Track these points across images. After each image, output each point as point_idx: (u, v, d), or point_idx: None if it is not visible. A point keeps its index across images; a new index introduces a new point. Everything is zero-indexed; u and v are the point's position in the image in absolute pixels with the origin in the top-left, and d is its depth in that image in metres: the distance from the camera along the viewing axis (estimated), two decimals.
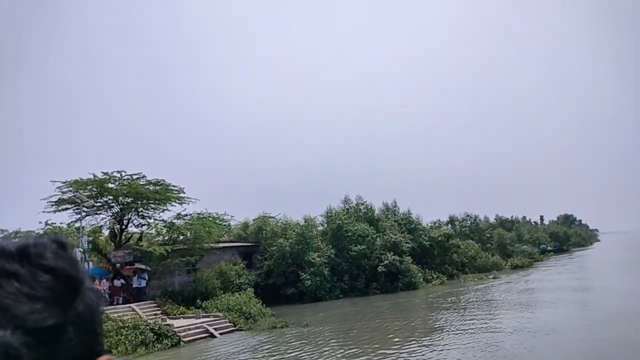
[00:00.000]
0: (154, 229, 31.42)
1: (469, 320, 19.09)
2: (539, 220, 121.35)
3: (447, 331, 17.04)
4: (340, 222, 35.85)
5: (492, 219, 72.74)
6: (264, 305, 27.45)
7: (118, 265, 29.89)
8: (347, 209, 39.58)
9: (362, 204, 40.86)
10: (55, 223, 35.84)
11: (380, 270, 33.83)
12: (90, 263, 28.87)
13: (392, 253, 34.55)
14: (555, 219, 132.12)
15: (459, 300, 26.47)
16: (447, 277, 38.92)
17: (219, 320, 21.89)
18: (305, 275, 32.57)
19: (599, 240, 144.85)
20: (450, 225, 55.55)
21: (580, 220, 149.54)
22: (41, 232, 30.80)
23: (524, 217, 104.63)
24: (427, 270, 38.48)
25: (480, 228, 58.67)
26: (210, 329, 20.25)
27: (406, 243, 36.53)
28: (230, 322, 21.91)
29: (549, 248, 71.75)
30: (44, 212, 28.41)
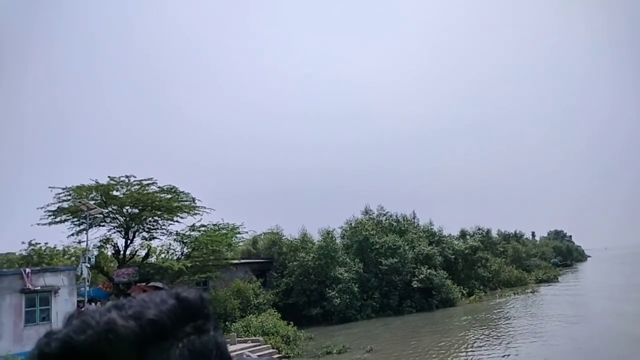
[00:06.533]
0: (164, 243, 27.78)
1: None
2: (531, 236, 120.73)
3: None
4: (366, 233, 32.66)
5: (494, 233, 70.88)
6: (295, 327, 23.98)
7: (122, 285, 26.07)
8: (371, 220, 36.46)
9: (384, 215, 37.84)
10: (39, 243, 31.73)
11: (415, 285, 30.64)
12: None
13: (426, 267, 31.46)
14: (545, 234, 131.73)
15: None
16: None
17: (259, 345, 18.34)
18: (332, 293, 29.13)
19: (590, 256, 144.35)
20: (462, 240, 52.98)
21: (571, 237, 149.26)
22: (24, 253, 26.75)
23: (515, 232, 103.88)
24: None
25: (493, 242, 56.19)
26: (254, 357, 16.67)
27: (438, 256, 33.53)
28: (273, 348, 18.39)
29: (558, 262, 70.08)
30: (39, 224, 24.55)
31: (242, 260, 33.38)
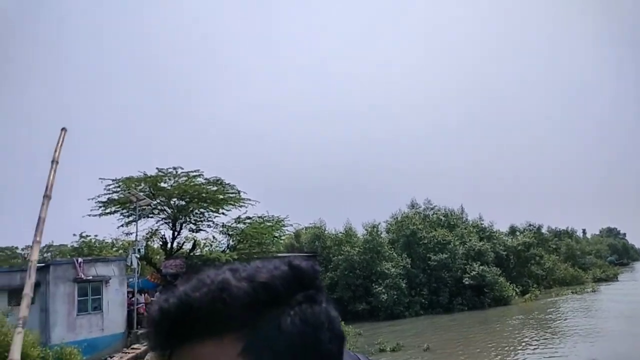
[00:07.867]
0: (208, 236, 27.74)
1: None
2: (582, 233, 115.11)
3: None
4: (414, 227, 31.56)
5: (543, 230, 67.95)
6: (342, 322, 23.32)
7: (169, 277, 26.19)
8: (417, 214, 35.26)
9: (431, 209, 36.55)
10: (89, 235, 32.36)
11: (466, 282, 29.34)
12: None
13: (478, 263, 30.06)
14: (596, 232, 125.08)
15: None
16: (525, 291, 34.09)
17: None
18: (379, 289, 28.30)
19: None
20: (512, 236, 50.78)
21: (625, 234, 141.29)
22: (75, 245, 27.36)
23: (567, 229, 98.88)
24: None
25: (545, 238, 53.49)
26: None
27: (491, 252, 32.00)
28: None
29: (615, 261, 66.47)
30: (90, 215, 24.99)
31: (287, 254, 33.10)
